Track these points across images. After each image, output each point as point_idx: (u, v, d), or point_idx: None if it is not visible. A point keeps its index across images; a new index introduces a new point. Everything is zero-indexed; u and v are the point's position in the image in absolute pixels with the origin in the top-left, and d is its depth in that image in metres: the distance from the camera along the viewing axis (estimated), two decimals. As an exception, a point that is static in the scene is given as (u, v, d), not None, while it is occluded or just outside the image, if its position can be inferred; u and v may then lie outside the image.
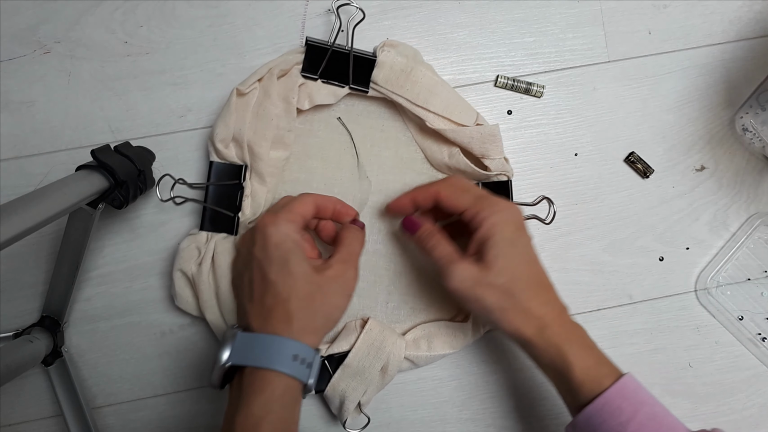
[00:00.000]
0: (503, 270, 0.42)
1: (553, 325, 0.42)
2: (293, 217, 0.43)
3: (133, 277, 0.53)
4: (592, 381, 0.41)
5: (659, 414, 0.40)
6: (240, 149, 0.50)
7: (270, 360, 0.39)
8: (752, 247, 0.55)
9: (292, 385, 0.39)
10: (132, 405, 0.53)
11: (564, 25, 0.55)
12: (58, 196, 0.40)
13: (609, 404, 0.39)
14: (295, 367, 0.39)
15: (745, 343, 0.55)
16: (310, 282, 0.41)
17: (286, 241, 0.42)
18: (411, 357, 0.50)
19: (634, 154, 0.55)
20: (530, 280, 0.43)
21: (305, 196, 0.46)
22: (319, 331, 0.42)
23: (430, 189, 0.46)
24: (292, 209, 0.44)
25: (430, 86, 0.50)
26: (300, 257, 0.42)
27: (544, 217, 0.49)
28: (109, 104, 0.53)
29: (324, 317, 0.42)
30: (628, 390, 0.40)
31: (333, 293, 0.42)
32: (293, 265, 0.41)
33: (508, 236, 0.43)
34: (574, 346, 0.42)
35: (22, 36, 0.53)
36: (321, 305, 0.41)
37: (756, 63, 0.55)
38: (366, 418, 0.51)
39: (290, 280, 0.41)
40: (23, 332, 0.51)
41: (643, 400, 0.40)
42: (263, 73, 0.49)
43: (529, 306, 0.42)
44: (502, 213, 0.43)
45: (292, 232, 0.43)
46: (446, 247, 0.45)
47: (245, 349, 0.40)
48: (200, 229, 0.51)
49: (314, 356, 0.41)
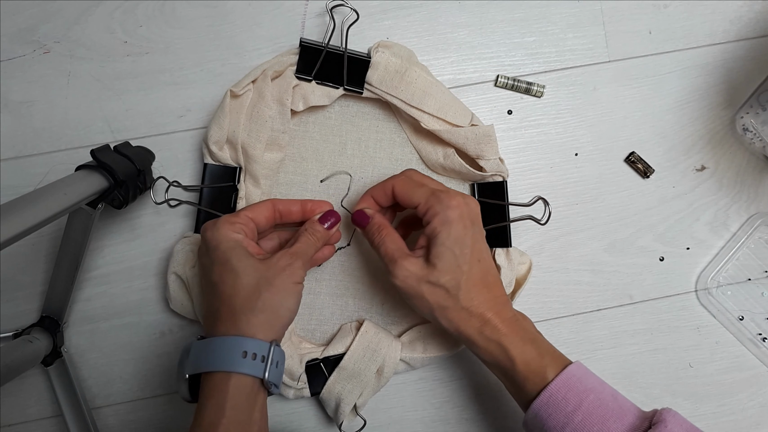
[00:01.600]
0: (446, 269, 0.42)
1: (494, 321, 0.42)
2: (235, 219, 0.42)
3: (133, 277, 0.53)
4: (536, 374, 0.41)
5: (606, 400, 0.40)
6: (234, 151, 0.50)
7: (218, 362, 0.37)
8: (753, 247, 0.55)
9: (244, 383, 0.38)
10: (131, 405, 0.53)
11: (564, 25, 0.55)
12: (58, 196, 0.40)
13: (554, 396, 0.39)
14: (246, 364, 0.37)
15: (745, 344, 0.55)
16: (253, 274, 0.40)
17: (225, 240, 0.41)
18: (407, 359, 0.50)
19: (635, 154, 0.55)
20: (472, 279, 0.42)
21: (263, 202, 0.45)
22: (270, 324, 0.40)
23: (386, 184, 0.46)
24: (237, 213, 0.43)
25: (424, 87, 0.50)
26: (241, 253, 0.40)
27: (539, 218, 0.49)
28: (108, 104, 0.53)
29: (273, 309, 0.40)
30: (573, 380, 0.40)
31: (279, 283, 0.40)
32: (234, 261, 0.40)
33: (455, 235, 0.42)
34: (515, 340, 0.41)
35: (22, 36, 0.53)
36: (268, 297, 0.39)
37: (756, 63, 0.55)
38: (362, 421, 0.51)
39: (231, 277, 0.40)
40: (23, 332, 0.51)
41: (590, 388, 0.40)
42: (257, 74, 0.49)
43: (469, 305, 0.42)
44: (451, 210, 0.42)
45: (231, 232, 0.41)
46: (393, 244, 0.44)
47: (199, 356, 0.39)
48: (195, 232, 0.51)
49: (269, 349, 0.39)
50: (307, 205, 0.46)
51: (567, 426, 0.39)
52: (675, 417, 0.39)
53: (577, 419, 0.39)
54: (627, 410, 0.40)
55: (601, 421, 0.38)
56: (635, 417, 0.39)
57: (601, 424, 0.38)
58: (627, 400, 0.41)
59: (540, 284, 0.54)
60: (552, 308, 0.54)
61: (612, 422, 0.38)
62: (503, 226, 0.51)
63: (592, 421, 0.38)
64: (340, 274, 0.53)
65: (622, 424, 0.39)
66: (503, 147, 0.54)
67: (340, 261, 0.53)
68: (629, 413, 0.40)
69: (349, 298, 0.53)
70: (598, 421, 0.38)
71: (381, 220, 0.46)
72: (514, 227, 0.52)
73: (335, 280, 0.53)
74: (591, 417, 0.39)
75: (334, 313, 0.53)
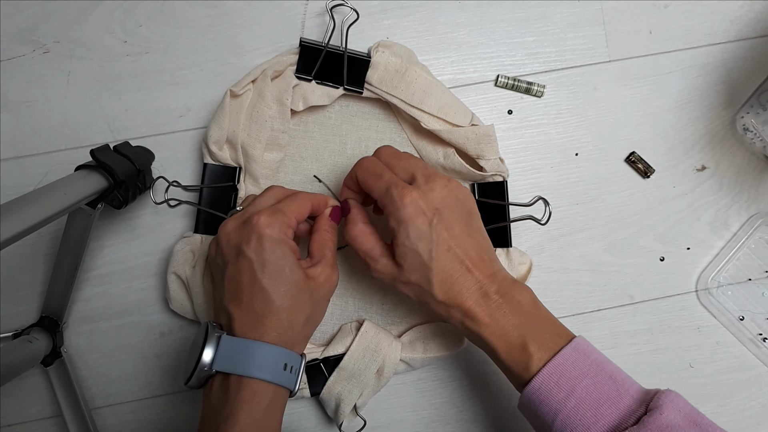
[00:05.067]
0: (412, 269, 0.41)
1: (475, 310, 0.41)
2: (289, 220, 0.41)
3: (133, 277, 0.53)
4: (518, 363, 0.40)
5: (602, 383, 0.38)
6: (234, 151, 0.50)
7: (261, 369, 0.38)
8: (753, 247, 0.55)
9: (279, 393, 0.39)
10: (131, 405, 0.53)
11: (564, 25, 0.55)
12: (58, 196, 0.40)
13: (546, 383, 0.38)
14: (284, 376, 0.39)
15: (746, 344, 0.54)
16: (303, 290, 0.41)
17: (282, 246, 0.40)
18: (407, 359, 0.50)
19: (635, 153, 0.55)
20: (442, 273, 0.40)
21: (301, 196, 0.44)
22: (307, 339, 0.43)
23: (352, 172, 0.45)
24: (288, 211, 0.41)
25: (424, 87, 0.50)
26: (294, 264, 0.40)
27: (540, 218, 0.49)
28: (108, 104, 0.53)
29: (311, 326, 0.43)
30: (566, 364, 0.39)
31: (321, 299, 0.43)
32: (288, 273, 0.40)
33: (414, 233, 0.40)
34: (497, 330, 0.40)
35: (22, 36, 0.53)
36: (311, 313, 0.42)
37: (757, 63, 0.55)
38: (362, 421, 0.51)
39: (284, 289, 0.40)
40: (22, 332, 0.51)
41: (585, 372, 0.38)
42: (257, 74, 0.49)
43: (445, 298, 0.41)
44: (404, 210, 0.40)
45: (287, 237, 0.41)
46: (365, 243, 0.43)
47: (233, 355, 0.38)
48: (194, 232, 0.51)
49: (300, 363, 0.41)
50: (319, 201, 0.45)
51: (560, 413, 0.38)
52: (673, 402, 0.37)
53: (569, 406, 0.38)
54: (624, 392, 0.38)
55: (595, 406, 0.37)
56: (632, 399, 0.38)
57: (594, 409, 0.37)
58: (627, 379, 0.39)
59: (540, 284, 0.54)
60: (552, 308, 0.53)
61: (606, 407, 0.37)
62: (503, 227, 0.51)
63: (585, 407, 0.37)
64: (339, 275, 0.53)
65: (616, 408, 0.37)
66: (503, 147, 0.54)
67: (340, 261, 0.53)
68: (626, 395, 0.38)
69: (348, 298, 0.53)
70: (591, 407, 0.37)
71: (355, 214, 0.44)
72: (515, 227, 0.52)
73: (335, 281, 0.53)
74: (584, 403, 0.38)
75: (334, 313, 0.53)
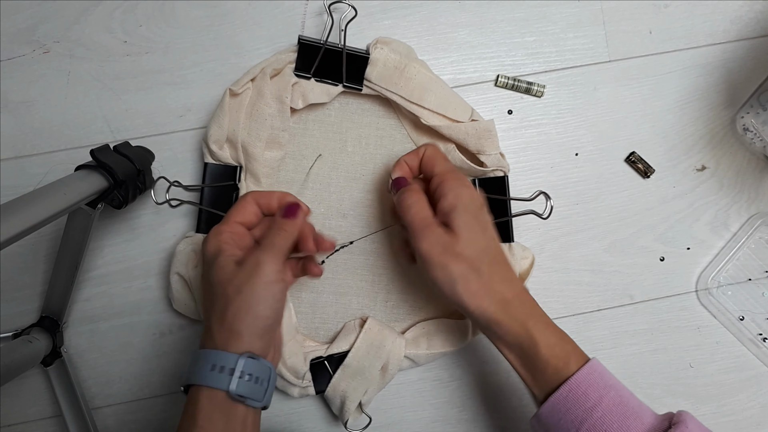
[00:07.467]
0: (470, 241, 0.41)
1: (515, 301, 0.41)
2: (222, 228, 0.41)
3: (133, 277, 0.53)
4: (558, 359, 0.40)
5: (625, 398, 0.39)
6: (234, 150, 0.50)
7: (193, 375, 0.38)
8: (753, 247, 0.55)
9: (213, 396, 0.37)
10: (131, 405, 0.53)
11: (565, 25, 0.55)
12: (58, 196, 0.40)
13: (574, 391, 0.38)
14: (212, 377, 0.37)
15: (746, 344, 0.54)
16: (229, 281, 0.38)
17: (213, 248, 0.40)
18: (411, 355, 0.50)
19: (635, 153, 0.55)
20: (493, 256, 0.42)
21: (244, 197, 0.43)
22: (241, 334, 0.38)
23: (419, 150, 0.47)
24: (225, 220, 0.42)
25: (424, 83, 0.50)
26: (222, 260, 0.39)
27: (541, 212, 0.49)
28: (108, 104, 0.53)
29: (242, 318, 0.38)
30: (594, 375, 0.39)
31: (248, 289, 0.38)
32: (215, 270, 0.39)
33: (472, 210, 0.42)
34: (538, 323, 0.41)
35: (22, 35, 0.53)
36: (236, 307, 0.38)
37: (757, 63, 0.55)
38: (367, 418, 0.51)
39: (212, 288, 0.39)
40: (22, 332, 0.51)
41: (610, 385, 0.39)
42: (256, 72, 0.49)
43: (491, 280, 0.41)
44: (467, 188, 0.43)
45: (221, 240, 0.40)
46: (426, 211, 0.43)
47: (187, 368, 0.39)
48: (196, 231, 0.51)
49: (236, 361, 0.37)
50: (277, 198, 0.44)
51: (585, 422, 0.38)
52: (693, 420, 0.38)
53: (596, 415, 0.37)
54: (645, 411, 0.39)
55: (621, 419, 0.37)
56: (654, 418, 0.39)
57: (620, 422, 0.37)
58: (643, 403, 0.40)
59: (540, 284, 0.54)
60: (552, 308, 0.54)
61: (632, 420, 0.37)
62: (505, 222, 0.51)
63: (611, 419, 0.37)
64: (342, 272, 0.53)
65: (642, 423, 0.38)
66: (504, 147, 0.54)
67: (343, 259, 0.53)
68: (647, 414, 0.39)
69: (352, 296, 0.53)
70: (617, 419, 0.37)
71: (417, 186, 0.46)
72: (515, 226, 0.52)
73: (338, 278, 0.53)
74: (611, 414, 0.37)
75: (338, 311, 0.53)
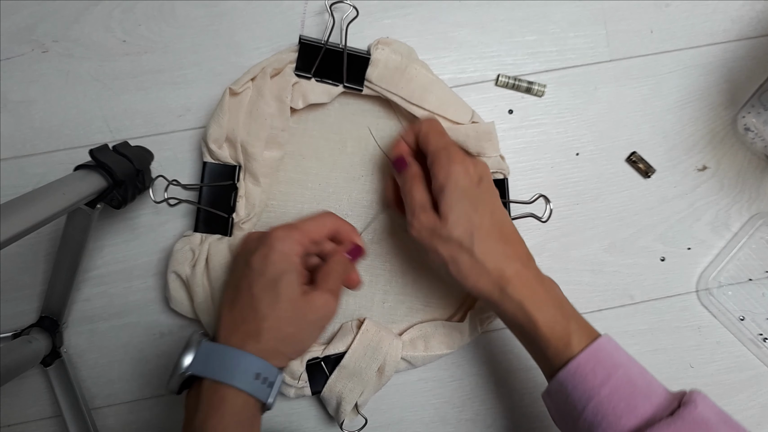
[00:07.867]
0: (457, 222, 0.41)
1: (515, 279, 0.40)
2: (302, 238, 0.42)
3: (132, 277, 0.53)
4: (559, 340, 0.39)
5: (634, 377, 0.38)
6: (233, 149, 0.50)
7: (231, 375, 0.38)
8: (754, 248, 0.55)
9: (250, 402, 0.38)
10: (131, 405, 0.53)
11: (565, 24, 0.55)
12: (57, 196, 0.40)
13: (582, 368, 0.38)
14: (256, 385, 0.38)
15: (746, 344, 0.54)
16: (294, 307, 0.40)
17: (284, 261, 0.40)
18: (408, 357, 0.50)
19: (636, 153, 0.54)
20: (486, 233, 0.41)
21: (323, 216, 0.45)
22: (287, 356, 0.41)
23: (415, 126, 0.46)
24: (304, 229, 0.42)
25: (424, 84, 0.50)
26: (291, 280, 0.40)
27: (540, 215, 0.48)
28: (107, 103, 0.53)
29: (295, 345, 0.41)
30: (602, 353, 0.39)
31: (313, 324, 0.41)
32: (283, 286, 0.40)
33: (464, 186, 0.41)
34: (538, 302, 0.40)
35: (21, 35, 0.53)
36: (297, 332, 0.40)
37: (758, 62, 0.55)
38: (363, 419, 0.51)
39: (273, 299, 0.39)
40: (22, 333, 0.51)
41: (619, 363, 0.38)
42: (256, 72, 0.49)
43: (484, 258, 0.40)
44: (455, 165, 0.42)
45: (294, 253, 0.41)
46: (419, 196, 0.43)
47: (207, 359, 0.39)
48: (194, 231, 0.51)
49: (277, 376, 0.40)
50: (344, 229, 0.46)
51: (592, 399, 0.37)
52: (704, 399, 0.37)
53: (603, 393, 0.37)
54: (655, 389, 0.38)
55: (628, 397, 0.37)
56: (663, 397, 0.38)
57: (627, 400, 0.37)
58: (655, 380, 0.39)
59: (540, 284, 0.54)
60: (552, 308, 0.54)
61: (640, 399, 0.37)
62: (504, 225, 0.51)
63: (618, 397, 0.37)
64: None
65: (650, 403, 0.37)
66: (504, 147, 0.54)
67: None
68: (657, 393, 0.38)
69: (349, 297, 0.53)
70: (625, 397, 0.37)
71: (417, 170, 0.45)
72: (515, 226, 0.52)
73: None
74: (618, 392, 0.37)
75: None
